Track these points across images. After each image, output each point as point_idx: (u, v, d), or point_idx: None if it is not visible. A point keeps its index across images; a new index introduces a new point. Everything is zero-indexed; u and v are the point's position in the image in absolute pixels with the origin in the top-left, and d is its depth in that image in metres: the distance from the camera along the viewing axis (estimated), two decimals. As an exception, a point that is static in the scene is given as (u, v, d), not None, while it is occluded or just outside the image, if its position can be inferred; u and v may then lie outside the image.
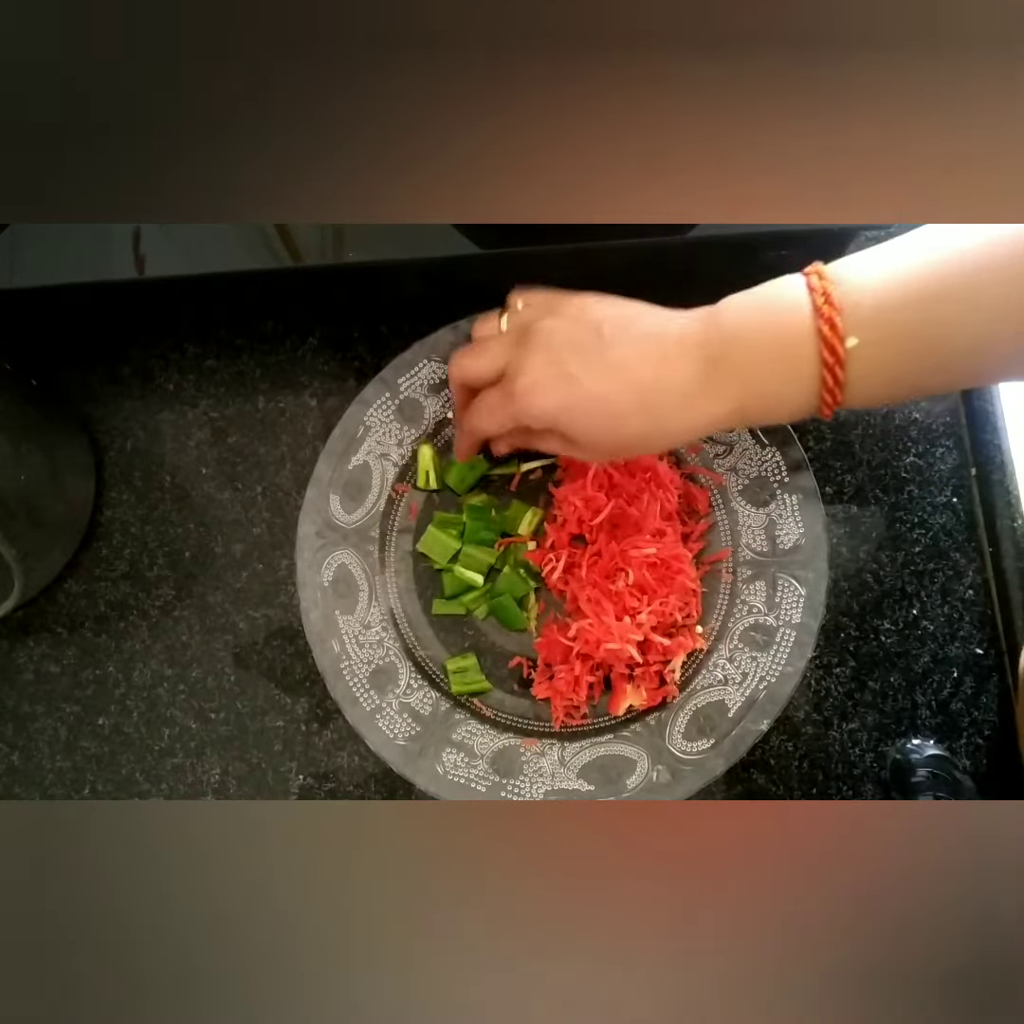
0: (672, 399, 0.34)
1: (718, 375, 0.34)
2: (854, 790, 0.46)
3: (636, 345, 0.35)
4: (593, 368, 0.34)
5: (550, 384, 0.35)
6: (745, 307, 0.35)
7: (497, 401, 0.37)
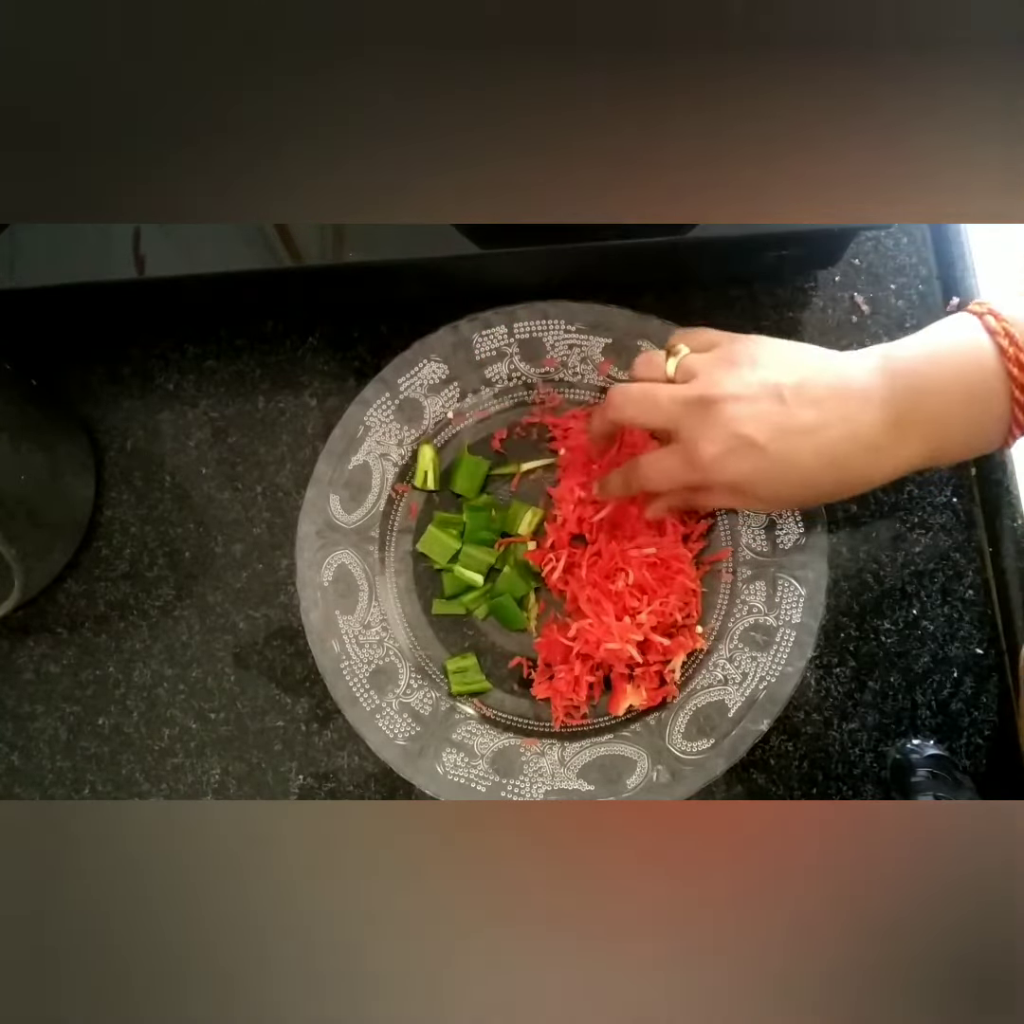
0: (862, 455, 0.34)
1: (907, 426, 0.34)
2: (854, 790, 0.46)
3: (819, 406, 0.34)
4: (779, 436, 0.34)
5: (737, 455, 0.35)
6: (928, 356, 0.34)
7: (676, 466, 0.37)
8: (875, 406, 0.34)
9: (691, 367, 0.37)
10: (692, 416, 0.36)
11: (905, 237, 0.51)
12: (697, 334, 0.40)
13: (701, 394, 0.36)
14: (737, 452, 0.35)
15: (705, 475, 0.36)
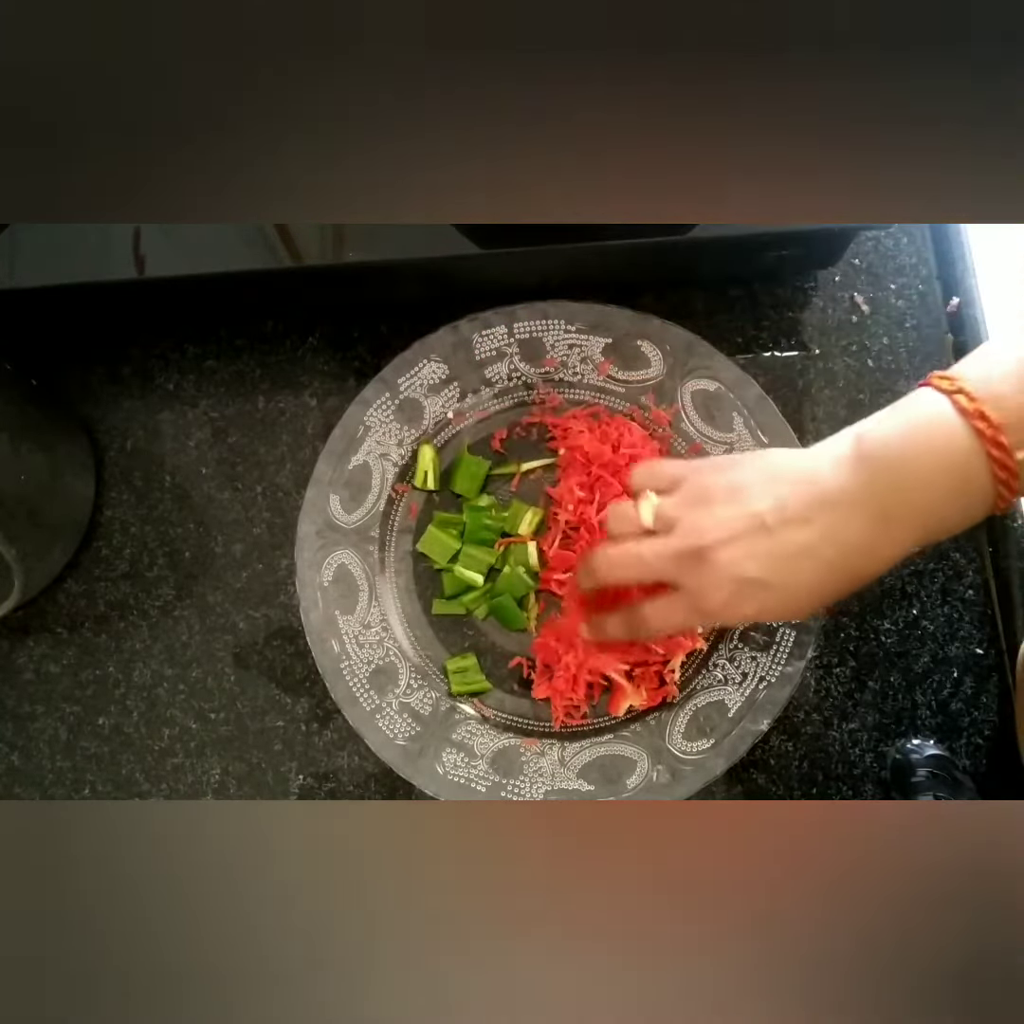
0: (859, 559, 0.34)
1: (895, 522, 0.34)
2: (854, 790, 0.46)
3: (806, 524, 0.34)
4: (779, 566, 0.34)
5: (745, 596, 0.35)
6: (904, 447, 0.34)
7: (682, 615, 0.37)
8: (860, 511, 0.34)
9: (665, 513, 0.37)
10: (687, 569, 0.36)
11: (905, 237, 0.51)
12: (659, 471, 0.39)
13: (688, 546, 0.35)
14: (743, 594, 0.35)
15: (716, 620, 0.37)
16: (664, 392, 0.47)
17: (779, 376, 0.50)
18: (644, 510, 0.38)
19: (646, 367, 0.47)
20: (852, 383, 0.50)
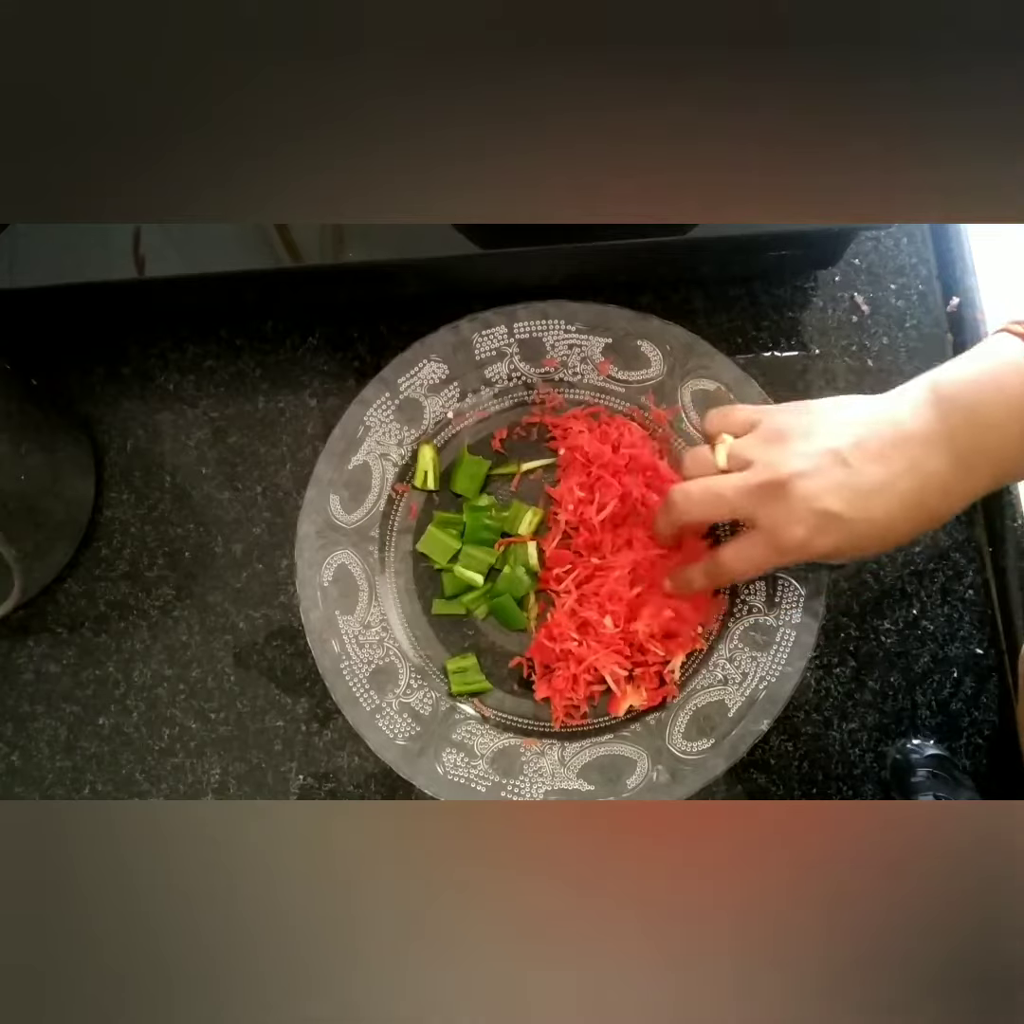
0: (935, 498, 0.35)
1: (971, 462, 0.34)
2: (854, 790, 0.46)
3: (883, 461, 0.35)
4: (856, 500, 0.35)
5: (823, 532, 0.35)
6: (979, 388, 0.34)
7: (762, 555, 0.37)
8: (936, 449, 0.34)
9: (742, 454, 0.37)
10: (765, 503, 0.36)
11: (905, 237, 0.51)
12: (733, 415, 0.39)
13: (767, 479, 0.36)
14: (822, 528, 0.35)
15: (795, 556, 0.36)
16: (664, 392, 0.47)
17: (779, 376, 0.50)
18: (719, 452, 0.38)
19: (646, 367, 0.47)
20: (852, 383, 0.50)
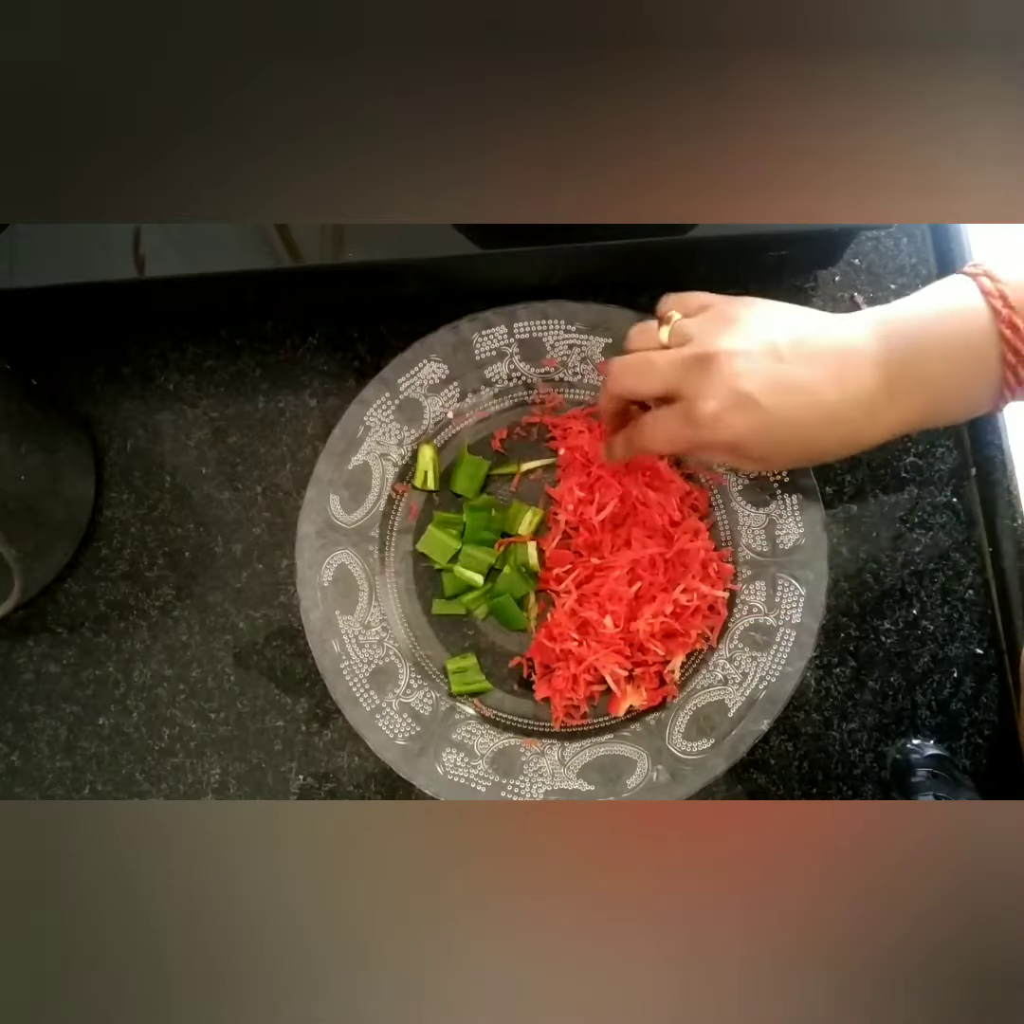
0: (857, 416, 0.34)
1: (903, 386, 0.34)
2: (854, 790, 0.46)
3: (816, 364, 0.35)
4: (777, 393, 0.34)
5: (735, 411, 0.35)
6: (923, 319, 0.34)
7: (675, 426, 0.37)
8: (870, 367, 0.34)
9: (685, 330, 0.37)
10: (691, 374, 0.36)
11: (905, 237, 0.51)
12: (689, 298, 0.40)
13: (698, 352, 0.36)
14: (736, 409, 0.35)
15: (704, 432, 0.36)
16: (664, 392, 0.47)
17: (779, 376, 0.50)
18: (664, 329, 0.38)
19: (646, 367, 0.47)
20: (852, 383, 0.50)
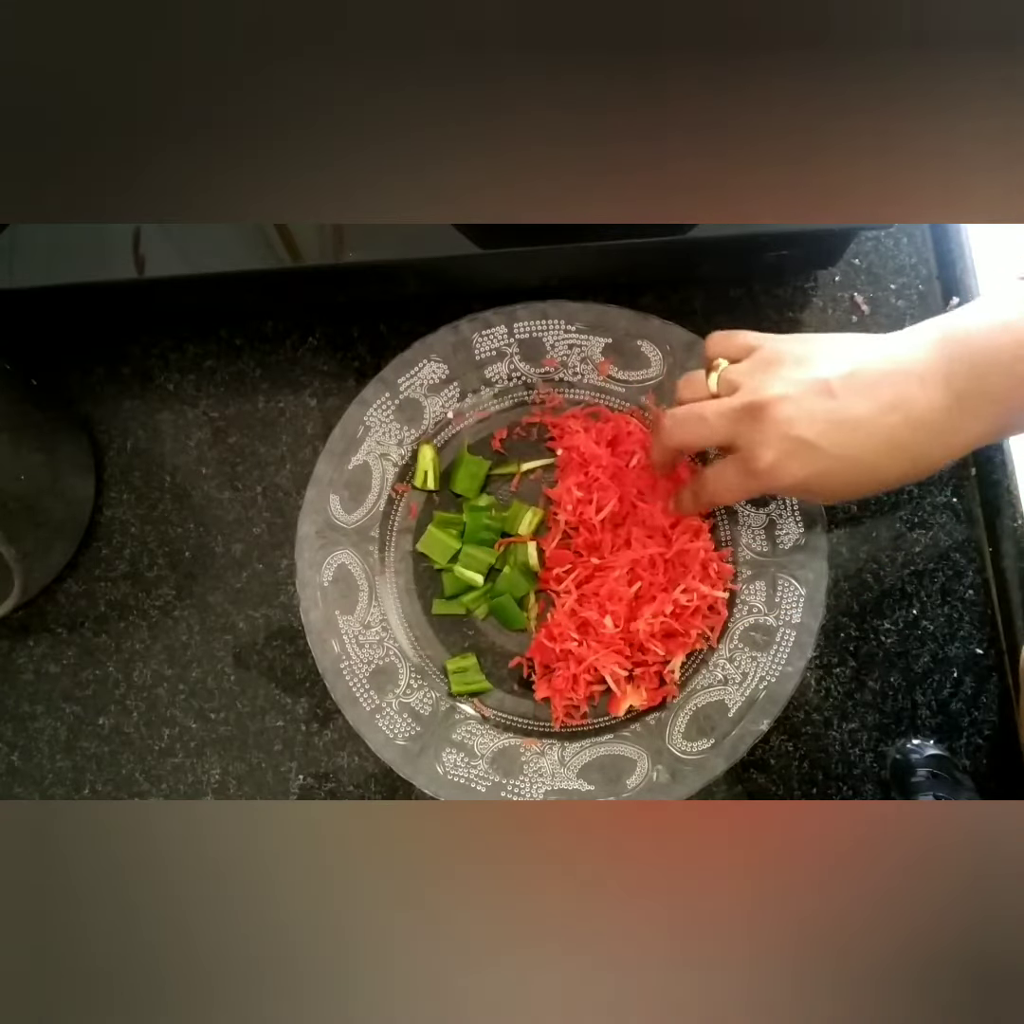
0: (925, 438, 0.33)
1: (972, 403, 0.33)
2: (854, 790, 0.46)
3: (873, 393, 0.33)
4: (833, 431, 0.33)
5: (793, 459, 0.34)
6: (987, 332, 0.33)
7: (736, 478, 0.37)
8: (934, 386, 0.33)
9: (733, 378, 0.37)
10: (742, 426, 0.35)
11: (905, 237, 0.51)
12: (733, 339, 0.39)
13: (747, 402, 0.35)
14: (794, 455, 0.34)
15: (766, 483, 0.35)
16: (664, 392, 0.47)
17: (779, 376, 0.50)
18: (712, 377, 0.38)
19: (646, 367, 0.47)
20: (852, 383, 0.50)
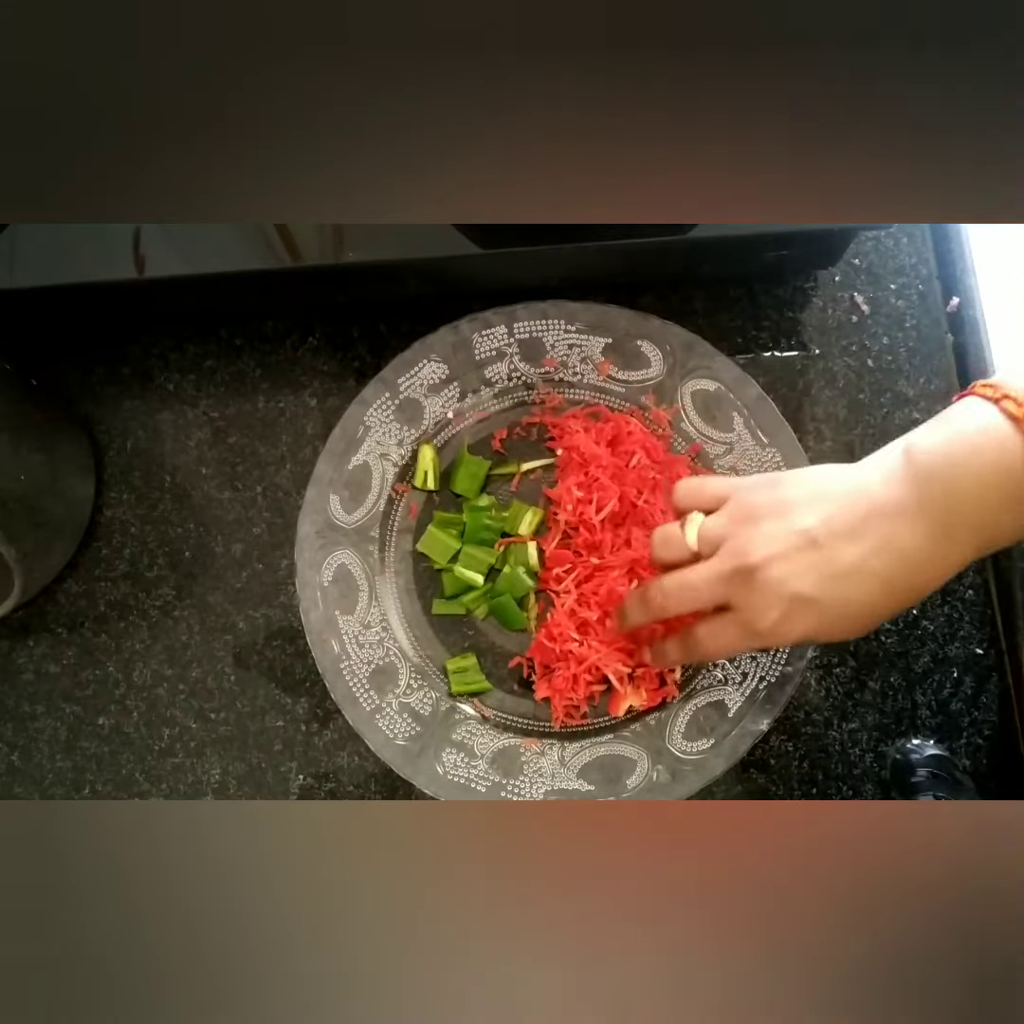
0: (915, 573, 0.33)
1: (951, 533, 0.33)
2: (854, 790, 0.46)
3: (857, 539, 0.33)
4: (829, 583, 0.34)
5: (795, 616, 0.34)
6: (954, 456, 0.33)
7: (736, 636, 0.36)
8: (912, 522, 0.33)
9: (712, 535, 0.37)
10: (737, 590, 0.35)
11: (905, 237, 0.51)
12: (702, 490, 0.39)
13: (737, 566, 0.35)
14: (795, 613, 0.34)
15: (770, 641, 0.36)
16: (664, 392, 0.47)
17: (779, 376, 0.50)
18: (690, 532, 0.37)
19: (646, 367, 0.47)
20: (852, 383, 0.50)
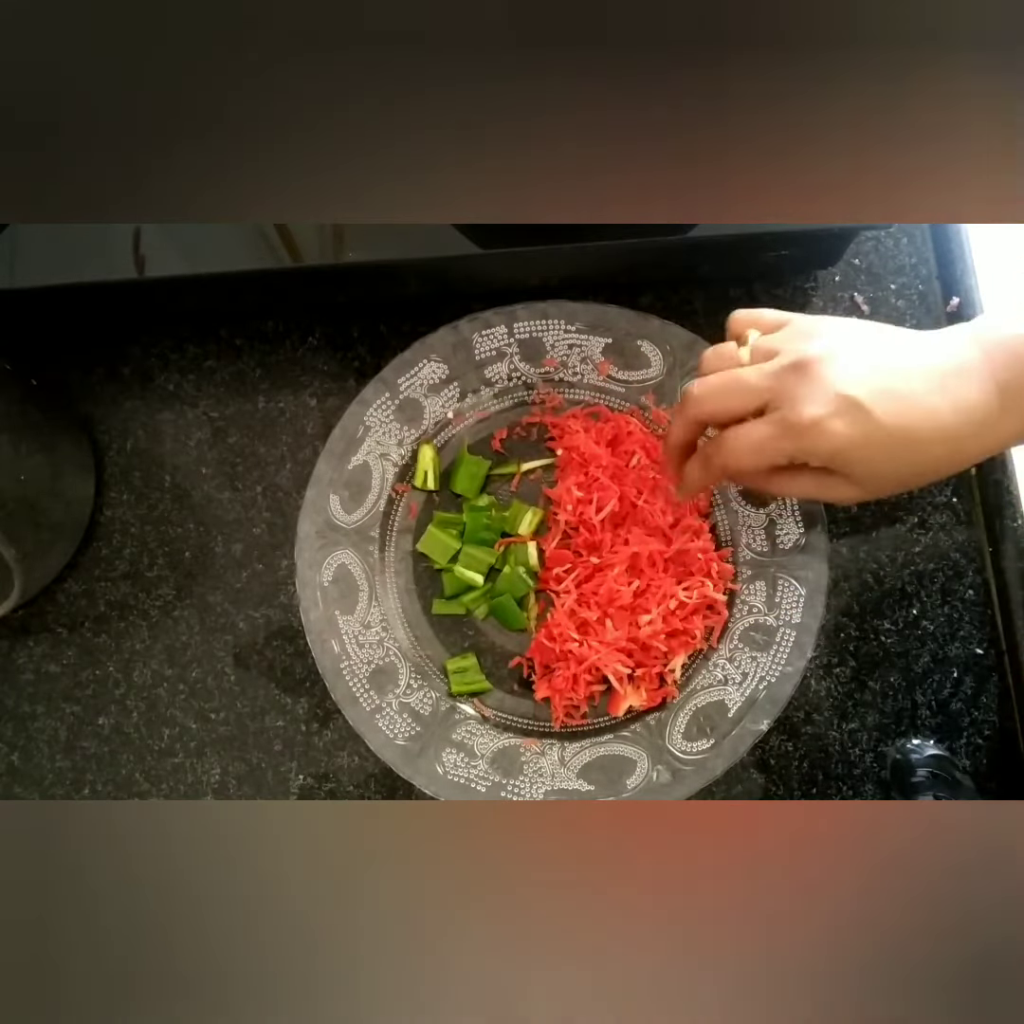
0: (968, 426, 0.32)
1: (1010, 400, 0.32)
2: (854, 790, 0.46)
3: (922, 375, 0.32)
4: (886, 399, 0.31)
5: (839, 417, 0.31)
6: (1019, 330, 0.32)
7: (769, 435, 0.33)
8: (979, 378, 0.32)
9: (768, 346, 0.34)
10: (787, 383, 0.32)
11: (905, 237, 0.51)
12: (761, 315, 0.36)
13: (794, 360, 0.32)
14: (841, 415, 0.31)
15: (802, 442, 0.32)
16: (664, 392, 0.47)
17: (779, 376, 0.50)
18: (743, 348, 0.35)
19: (646, 367, 0.47)
20: (852, 383, 0.50)
